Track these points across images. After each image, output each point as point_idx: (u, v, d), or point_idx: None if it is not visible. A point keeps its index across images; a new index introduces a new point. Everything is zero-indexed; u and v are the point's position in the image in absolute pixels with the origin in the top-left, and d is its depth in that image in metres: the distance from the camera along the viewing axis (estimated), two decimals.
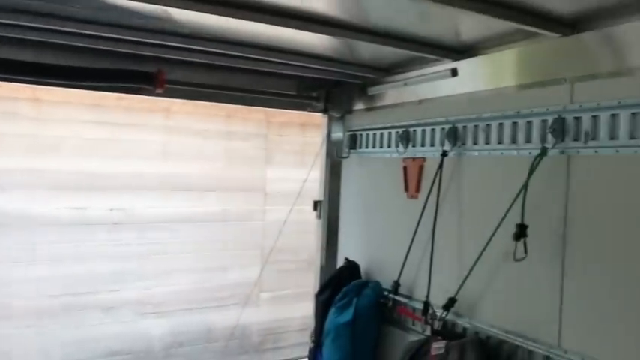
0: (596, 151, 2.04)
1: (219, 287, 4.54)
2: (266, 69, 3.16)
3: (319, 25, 2.36)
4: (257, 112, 4.46)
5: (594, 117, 2.05)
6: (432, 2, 1.90)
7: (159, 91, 2.86)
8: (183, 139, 4.31)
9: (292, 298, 4.90)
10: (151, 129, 4.15)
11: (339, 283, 3.29)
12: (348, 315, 3.06)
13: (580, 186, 2.11)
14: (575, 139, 2.11)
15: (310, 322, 3.70)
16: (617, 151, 1.97)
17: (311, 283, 4.00)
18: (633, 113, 1.92)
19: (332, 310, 3.17)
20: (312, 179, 3.91)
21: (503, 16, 2.01)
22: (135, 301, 4.14)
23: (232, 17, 2.18)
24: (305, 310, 4.23)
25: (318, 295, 3.44)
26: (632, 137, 1.92)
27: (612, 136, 1.99)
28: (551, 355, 2.15)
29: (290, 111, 4.11)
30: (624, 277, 1.93)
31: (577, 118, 2.11)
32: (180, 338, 4.37)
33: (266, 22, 2.27)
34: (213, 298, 4.52)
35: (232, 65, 3.10)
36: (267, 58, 2.92)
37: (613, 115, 1.98)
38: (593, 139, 2.05)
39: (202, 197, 4.45)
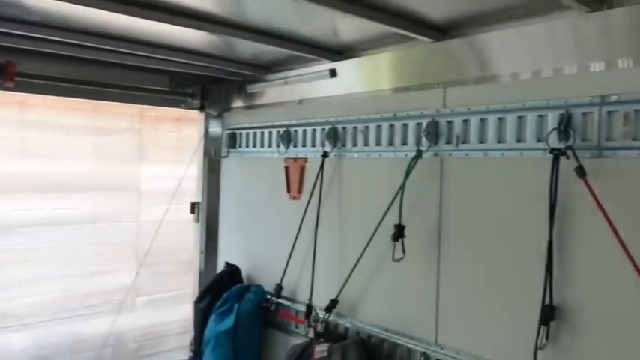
0: (467, 154, 2.12)
1: (89, 294, 4.24)
2: (136, 63, 2.93)
3: (194, 21, 2.21)
4: (129, 106, 4.16)
5: (465, 121, 2.13)
6: (309, 2, 1.84)
7: (9, 84, 2.53)
8: (43, 135, 3.94)
9: (171, 301, 4.70)
10: (3, 123, 3.71)
11: (219, 288, 3.17)
12: (229, 322, 2.95)
13: (452, 187, 2.19)
14: (448, 142, 2.19)
15: (191, 325, 3.54)
16: (485, 154, 2.06)
17: (191, 284, 3.82)
18: (500, 118, 2.01)
19: (212, 318, 3.04)
20: (190, 176, 3.73)
21: (379, 19, 2.01)
22: None
23: (93, 7, 1.97)
24: (185, 312, 4.06)
25: (197, 303, 3.28)
26: (499, 141, 2.02)
27: (481, 140, 2.08)
28: (428, 352, 2.22)
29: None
30: (493, 274, 2.04)
31: (449, 122, 2.19)
32: (45, 352, 4.01)
33: (134, 15, 2.08)
34: (83, 306, 4.22)
35: (97, 58, 2.83)
36: (136, 52, 2.70)
37: (482, 120, 2.07)
38: (464, 142, 2.13)
39: (69, 198, 4.12)
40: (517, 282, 1.95)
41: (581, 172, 1.71)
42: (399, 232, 2.23)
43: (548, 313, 1.80)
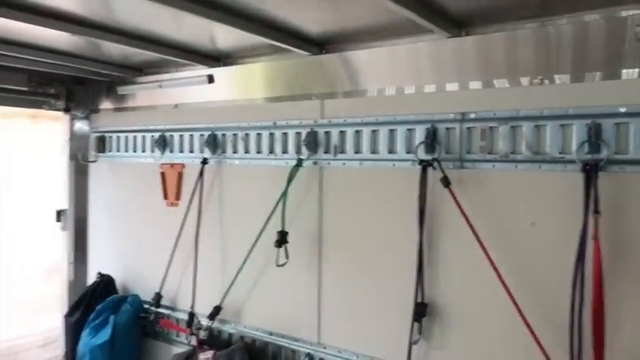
0: (344, 163, 2.24)
1: None
2: None
3: (57, 21, 2.05)
4: None
5: (342, 132, 2.25)
6: (186, 12, 1.81)
7: None
8: None
9: (31, 311, 4.34)
10: None
11: (91, 300, 3.02)
12: (104, 335, 2.82)
13: (332, 194, 2.30)
14: (326, 152, 2.29)
15: (57, 336, 3.33)
16: (361, 164, 2.19)
17: (55, 293, 3.57)
18: (373, 130, 2.15)
19: (85, 332, 2.88)
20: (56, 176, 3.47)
21: (257, 32, 2.03)
22: None
23: None
24: (48, 323, 3.78)
25: (67, 316, 3.09)
26: (373, 152, 2.16)
27: (357, 150, 2.21)
28: (311, 352, 2.32)
29: None
30: (370, 276, 2.18)
31: (327, 133, 2.29)
32: None
33: None
34: None
35: None
36: None
37: (357, 131, 2.20)
38: (341, 152, 2.25)
39: None
40: (392, 282, 2.11)
41: (445, 181, 1.89)
42: (282, 238, 2.29)
43: (420, 311, 1.98)
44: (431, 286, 2.01)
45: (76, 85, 3.27)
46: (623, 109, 1.61)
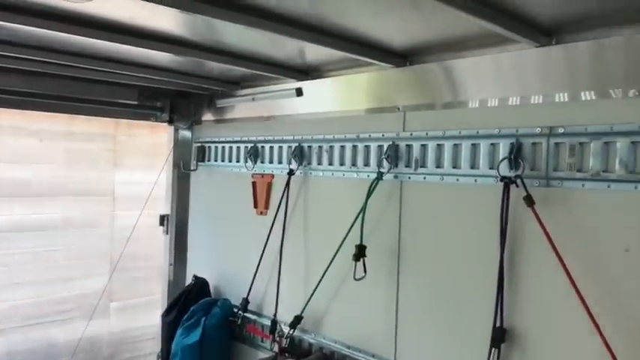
0: (424, 178, 2.18)
1: (62, 300, 4.25)
2: (104, 78, 2.93)
3: (165, 44, 2.22)
4: None
5: (423, 146, 2.19)
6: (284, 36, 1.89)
7: None
8: (14, 140, 3.95)
9: (145, 306, 4.70)
10: None
11: (186, 302, 3.19)
12: (195, 336, 2.97)
13: (411, 209, 2.25)
14: (407, 166, 2.25)
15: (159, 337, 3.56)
16: (442, 179, 2.12)
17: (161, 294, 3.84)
18: (455, 144, 2.08)
19: (179, 332, 3.05)
20: (162, 183, 3.74)
21: (342, 48, 2.06)
22: None
23: (63, 32, 1.98)
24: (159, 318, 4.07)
25: (164, 316, 3.29)
26: (454, 166, 2.08)
27: (438, 165, 2.14)
28: None
29: None
30: (448, 295, 2.10)
31: (409, 146, 2.24)
32: (18, 358, 4.01)
33: (106, 40, 2.08)
34: (55, 311, 4.22)
35: (63, 73, 2.82)
36: (103, 69, 2.71)
37: (439, 145, 2.14)
38: (422, 166, 2.19)
39: (42, 203, 4.13)
40: (471, 303, 2.01)
41: (529, 200, 1.78)
42: (359, 252, 2.28)
43: (499, 336, 1.87)
44: (511, 310, 1.89)
45: (179, 98, 3.50)
46: None
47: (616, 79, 1.65)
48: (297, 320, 2.62)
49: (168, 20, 1.98)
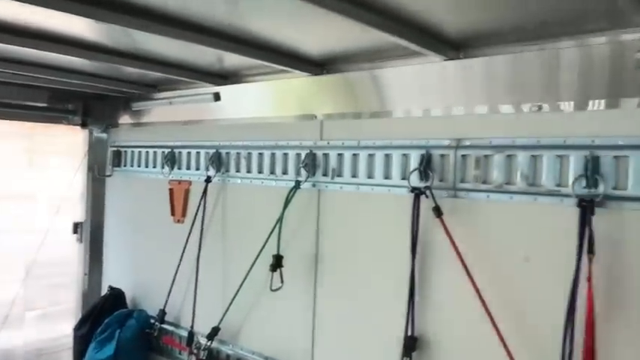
0: (341, 187, 2.18)
1: None
2: (11, 80, 2.74)
3: (78, 49, 2.10)
4: None
5: (340, 155, 2.19)
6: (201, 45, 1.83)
7: None
8: None
9: (65, 314, 4.42)
10: None
11: (100, 314, 3.04)
12: (108, 350, 2.83)
13: (329, 218, 2.25)
14: (325, 175, 2.24)
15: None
16: (357, 188, 2.13)
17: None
18: (370, 154, 2.09)
19: (91, 346, 2.91)
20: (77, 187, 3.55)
21: (259, 57, 2.02)
22: None
23: None
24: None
25: (76, 330, 3.13)
26: (369, 176, 2.09)
27: (354, 174, 2.14)
28: None
29: None
30: (364, 304, 2.11)
31: (326, 155, 2.23)
32: None
33: (17, 45, 1.95)
34: None
35: None
36: (11, 71, 2.52)
37: (355, 155, 2.14)
38: (339, 175, 2.19)
39: None
40: (384, 313, 2.03)
41: (437, 212, 1.81)
42: (276, 263, 2.25)
43: (410, 345, 1.89)
44: (422, 319, 1.92)
45: (94, 101, 3.33)
46: (621, 141, 1.49)
47: (519, 93, 1.70)
48: (214, 331, 2.56)
49: (81, 25, 1.86)
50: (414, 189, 1.88)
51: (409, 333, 1.91)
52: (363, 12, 1.47)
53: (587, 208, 1.51)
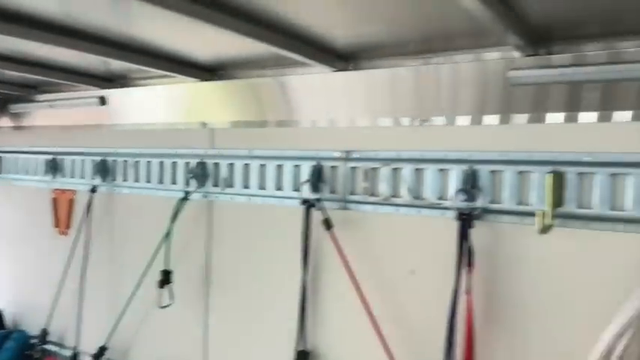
0: (232, 198, 2.11)
1: None
2: None
3: None
4: None
5: (231, 164, 2.11)
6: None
7: None
8: None
9: None
10: None
11: None
12: None
13: (221, 230, 2.17)
14: (215, 185, 2.15)
15: None
16: (249, 199, 2.06)
17: None
18: (262, 165, 2.03)
19: None
20: None
21: (145, 63, 1.91)
22: None
23: None
24: None
25: None
26: (261, 187, 2.03)
27: (246, 185, 2.08)
28: None
29: None
30: (257, 318, 2.06)
31: (216, 164, 2.15)
32: None
33: None
34: None
35: None
36: None
37: (246, 165, 2.07)
38: (230, 186, 2.11)
39: None
40: (277, 326, 1.98)
41: (327, 225, 1.79)
42: (165, 278, 2.14)
43: (302, 359, 1.86)
44: (314, 332, 1.89)
45: None
46: (497, 156, 1.54)
47: (403, 107, 1.71)
48: (101, 351, 2.40)
49: None
50: (305, 201, 1.85)
51: (301, 347, 1.87)
52: (245, 25, 1.43)
53: (466, 221, 1.54)
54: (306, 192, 1.88)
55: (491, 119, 1.57)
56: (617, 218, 1.38)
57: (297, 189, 1.92)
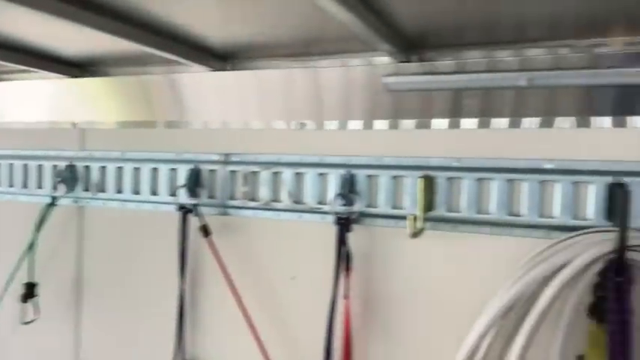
0: (104, 203, 1.97)
1: None
2: None
3: None
4: None
5: (102, 167, 1.97)
6: None
7: None
8: None
9: None
10: None
11: None
12: None
13: (93, 238, 2.02)
14: (86, 189, 2.00)
15: None
16: (123, 205, 1.94)
17: None
18: (136, 168, 1.91)
19: None
20: None
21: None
22: None
23: None
24: None
25: None
26: (135, 192, 1.92)
27: (119, 189, 1.95)
28: None
29: None
30: (133, 330, 1.94)
31: (87, 167, 2.00)
32: None
33: None
34: None
35: None
36: None
37: (119, 168, 1.94)
38: (102, 190, 1.97)
39: None
40: (154, 338, 1.89)
41: (205, 231, 1.72)
42: (28, 292, 1.96)
43: None
44: (194, 343, 1.82)
45: None
46: (372, 161, 1.55)
47: (280, 110, 1.68)
48: None
49: None
50: (181, 207, 1.76)
51: (179, 358, 1.79)
52: (112, 23, 1.32)
53: (344, 225, 1.54)
54: (183, 197, 1.79)
55: (361, 124, 1.58)
56: (483, 221, 1.44)
57: (173, 194, 1.83)
